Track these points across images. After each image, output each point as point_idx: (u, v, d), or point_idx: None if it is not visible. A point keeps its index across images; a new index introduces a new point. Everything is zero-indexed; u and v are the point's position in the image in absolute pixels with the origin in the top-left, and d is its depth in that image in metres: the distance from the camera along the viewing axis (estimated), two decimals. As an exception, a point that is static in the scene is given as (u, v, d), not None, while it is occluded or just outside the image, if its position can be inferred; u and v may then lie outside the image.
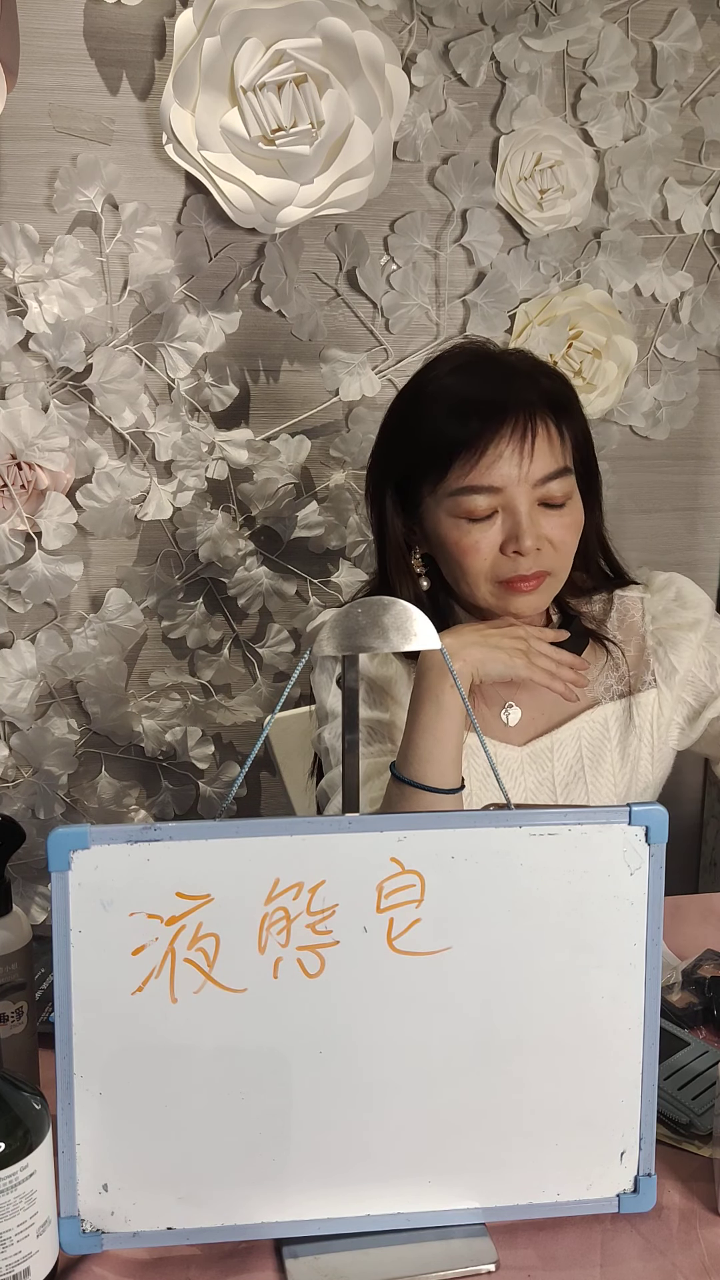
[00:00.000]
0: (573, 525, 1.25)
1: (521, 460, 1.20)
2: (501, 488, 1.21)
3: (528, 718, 1.33)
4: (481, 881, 0.82)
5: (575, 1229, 0.86)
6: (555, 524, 1.24)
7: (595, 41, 1.90)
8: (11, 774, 1.97)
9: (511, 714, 1.33)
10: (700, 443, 2.16)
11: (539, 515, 1.23)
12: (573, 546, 1.27)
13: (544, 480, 1.22)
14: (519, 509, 1.21)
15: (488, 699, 1.33)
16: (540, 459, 1.21)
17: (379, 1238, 0.85)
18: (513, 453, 1.20)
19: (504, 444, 1.20)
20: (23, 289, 1.80)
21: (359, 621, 0.82)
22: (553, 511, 1.24)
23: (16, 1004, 0.96)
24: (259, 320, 1.93)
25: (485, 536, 1.23)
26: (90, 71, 1.81)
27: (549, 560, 1.25)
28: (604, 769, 1.33)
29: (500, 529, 1.23)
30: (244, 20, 1.69)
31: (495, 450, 1.20)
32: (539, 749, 1.32)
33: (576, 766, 1.33)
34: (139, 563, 1.97)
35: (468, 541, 1.23)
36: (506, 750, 1.32)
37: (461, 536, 1.23)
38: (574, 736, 1.33)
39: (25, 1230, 0.77)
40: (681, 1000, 1.10)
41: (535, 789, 1.32)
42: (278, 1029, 0.82)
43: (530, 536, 1.21)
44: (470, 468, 1.21)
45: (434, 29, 1.87)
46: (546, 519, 1.23)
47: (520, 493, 1.21)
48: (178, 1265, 0.83)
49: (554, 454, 1.22)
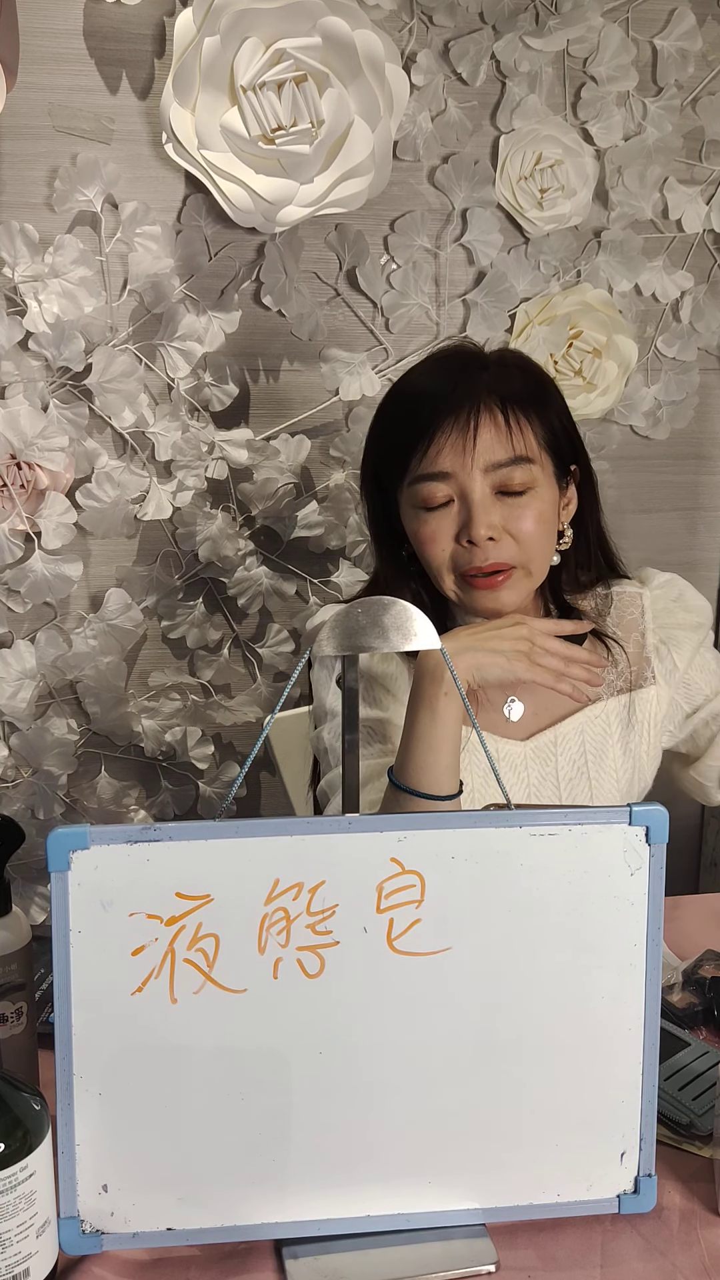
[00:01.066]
0: (536, 517, 1.25)
1: (466, 446, 1.22)
2: (451, 473, 1.23)
3: (530, 712, 1.33)
4: (482, 882, 0.82)
5: (575, 1230, 0.86)
6: (515, 514, 1.24)
7: (595, 41, 1.90)
8: (11, 774, 1.97)
9: (514, 709, 1.33)
10: (700, 443, 2.16)
11: (494, 504, 1.23)
12: (540, 538, 1.26)
13: (495, 467, 1.23)
14: (471, 495, 1.23)
15: (489, 694, 1.33)
16: (486, 446, 1.22)
17: (379, 1238, 0.84)
18: (457, 439, 1.22)
19: (450, 430, 1.22)
20: (22, 288, 1.80)
21: (359, 621, 0.82)
22: (512, 500, 1.24)
23: (16, 1004, 0.96)
24: (259, 320, 1.93)
25: (441, 526, 1.24)
26: (90, 71, 1.81)
27: (509, 553, 1.24)
28: (607, 765, 1.33)
29: (455, 518, 1.24)
30: (244, 19, 1.69)
31: (441, 438, 1.22)
32: (542, 744, 1.32)
33: (580, 762, 1.33)
34: (139, 563, 1.97)
35: (425, 531, 1.25)
36: (509, 745, 1.32)
37: (420, 526, 1.25)
38: (577, 732, 1.33)
39: (25, 1231, 0.76)
40: (682, 1000, 1.10)
41: (539, 785, 1.32)
42: (278, 1029, 0.82)
43: (481, 525, 1.22)
44: (422, 456, 1.24)
45: (434, 28, 1.87)
46: (505, 509, 1.24)
47: (471, 479, 1.22)
48: (178, 1266, 0.83)
49: (502, 442, 1.23)
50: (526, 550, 1.25)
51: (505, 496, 1.24)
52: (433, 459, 1.23)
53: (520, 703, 1.33)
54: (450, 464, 1.22)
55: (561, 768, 1.32)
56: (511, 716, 1.33)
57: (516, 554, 1.25)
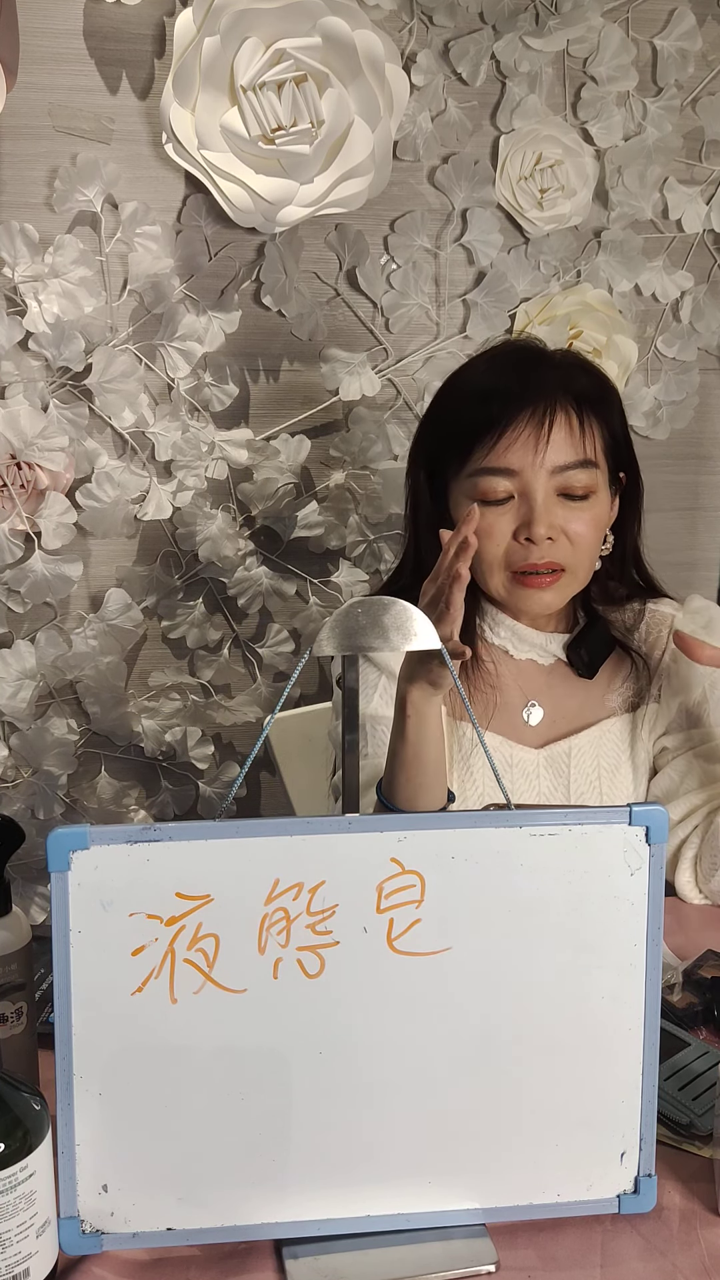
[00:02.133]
0: (593, 521, 1.25)
1: (538, 445, 1.21)
2: (517, 470, 1.22)
3: (548, 719, 1.33)
4: (482, 882, 0.82)
5: (575, 1229, 0.86)
6: (573, 516, 1.23)
7: (595, 41, 1.90)
8: (11, 774, 1.97)
9: (534, 713, 1.33)
10: (700, 443, 2.16)
11: (555, 504, 1.23)
12: (592, 543, 1.26)
13: (561, 469, 1.22)
14: (534, 494, 1.21)
15: (510, 698, 1.33)
16: (558, 447, 1.21)
17: (379, 1238, 0.84)
18: (529, 437, 1.21)
19: (522, 427, 1.21)
20: (22, 288, 1.80)
21: (359, 621, 0.82)
22: (572, 504, 1.23)
23: (16, 1004, 0.96)
24: (259, 320, 1.93)
25: (500, 520, 1.23)
26: (90, 71, 1.81)
27: (564, 554, 1.24)
28: (620, 780, 1.33)
29: (515, 514, 1.23)
30: (244, 19, 1.69)
31: (513, 433, 1.21)
32: (555, 753, 1.32)
33: (593, 776, 1.33)
34: (139, 563, 1.97)
35: (483, 525, 1.23)
36: (523, 752, 1.32)
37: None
38: (592, 744, 1.33)
39: (25, 1231, 0.76)
40: (682, 1001, 1.10)
41: (550, 794, 1.32)
42: (278, 1029, 0.81)
43: (543, 524, 1.21)
44: (489, 450, 1.22)
45: (434, 28, 1.87)
46: (564, 510, 1.23)
47: (536, 478, 1.21)
48: (177, 1266, 0.83)
49: (574, 445, 1.22)
50: (578, 553, 1.25)
51: (566, 499, 1.23)
52: (500, 453, 1.22)
53: (540, 708, 1.33)
54: (518, 461, 1.21)
55: (574, 779, 1.32)
56: (530, 720, 1.33)
57: (569, 556, 1.24)
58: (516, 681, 1.34)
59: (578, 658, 1.34)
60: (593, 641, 1.33)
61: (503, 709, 1.32)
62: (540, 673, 1.35)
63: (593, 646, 1.32)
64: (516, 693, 1.33)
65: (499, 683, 1.32)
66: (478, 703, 1.32)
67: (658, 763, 1.36)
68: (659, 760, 1.36)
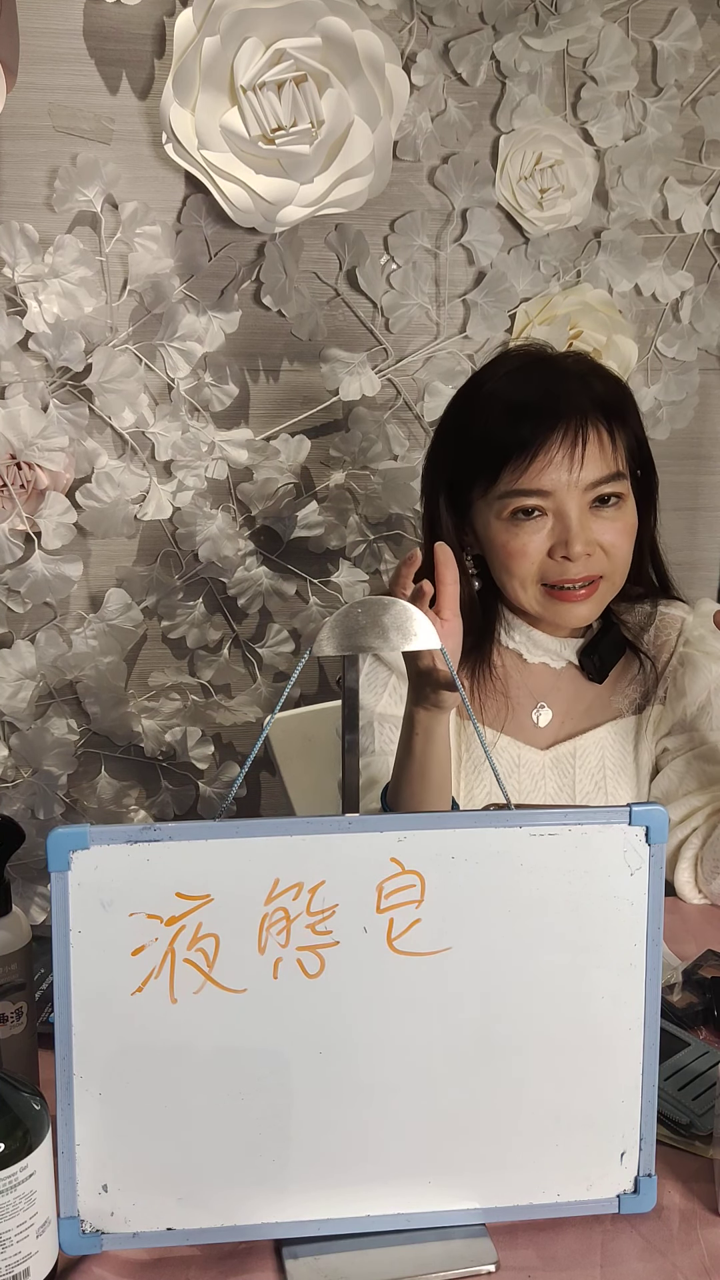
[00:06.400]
0: (625, 529, 1.25)
1: (572, 466, 1.20)
2: (551, 491, 1.21)
3: (557, 720, 1.33)
4: (481, 882, 0.82)
5: (575, 1229, 0.86)
6: (607, 527, 1.23)
7: (595, 41, 1.90)
8: (11, 774, 1.97)
9: (542, 715, 1.33)
10: (700, 443, 2.15)
11: (590, 519, 1.22)
12: (626, 551, 1.26)
13: (595, 484, 1.21)
14: (569, 514, 1.21)
15: (519, 699, 1.33)
16: (591, 464, 1.20)
17: (379, 1238, 0.84)
18: (564, 458, 1.19)
19: (555, 449, 1.19)
20: (22, 288, 1.80)
21: (359, 621, 0.82)
22: (605, 515, 1.23)
23: (16, 1004, 0.96)
24: (259, 320, 1.93)
25: (534, 540, 1.23)
26: (90, 71, 1.81)
27: (600, 564, 1.24)
28: (624, 781, 1.33)
29: (549, 533, 1.22)
30: (244, 19, 1.69)
31: (546, 455, 1.19)
32: (561, 754, 1.32)
33: (599, 776, 1.33)
34: (139, 563, 1.97)
35: (515, 545, 1.23)
36: (530, 753, 1.32)
37: (510, 539, 1.23)
38: (597, 745, 1.33)
39: (25, 1231, 0.76)
40: (682, 1000, 1.10)
41: (556, 794, 1.32)
42: (278, 1029, 0.81)
43: (580, 542, 1.20)
44: (521, 472, 1.20)
45: (434, 28, 1.87)
46: (598, 523, 1.23)
47: (571, 497, 1.21)
48: (178, 1266, 0.83)
49: (606, 459, 1.22)
50: (614, 562, 1.24)
51: (597, 510, 1.23)
52: (534, 475, 1.20)
53: (549, 709, 1.33)
54: (552, 482, 1.20)
55: (579, 780, 1.32)
56: (539, 722, 1.33)
57: (605, 566, 1.24)
58: (526, 683, 1.34)
59: (590, 663, 1.33)
60: (606, 647, 1.33)
61: (512, 711, 1.32)
62: (550, 675, 1.35)
63: (606, 652, 1.32)
64: (525, 694, 1.33)
65: (508, 687, 1.32)
66: (488, 707, 1.32)
67: (659, 763, 1.36)
68: (660, 761, 1.36)
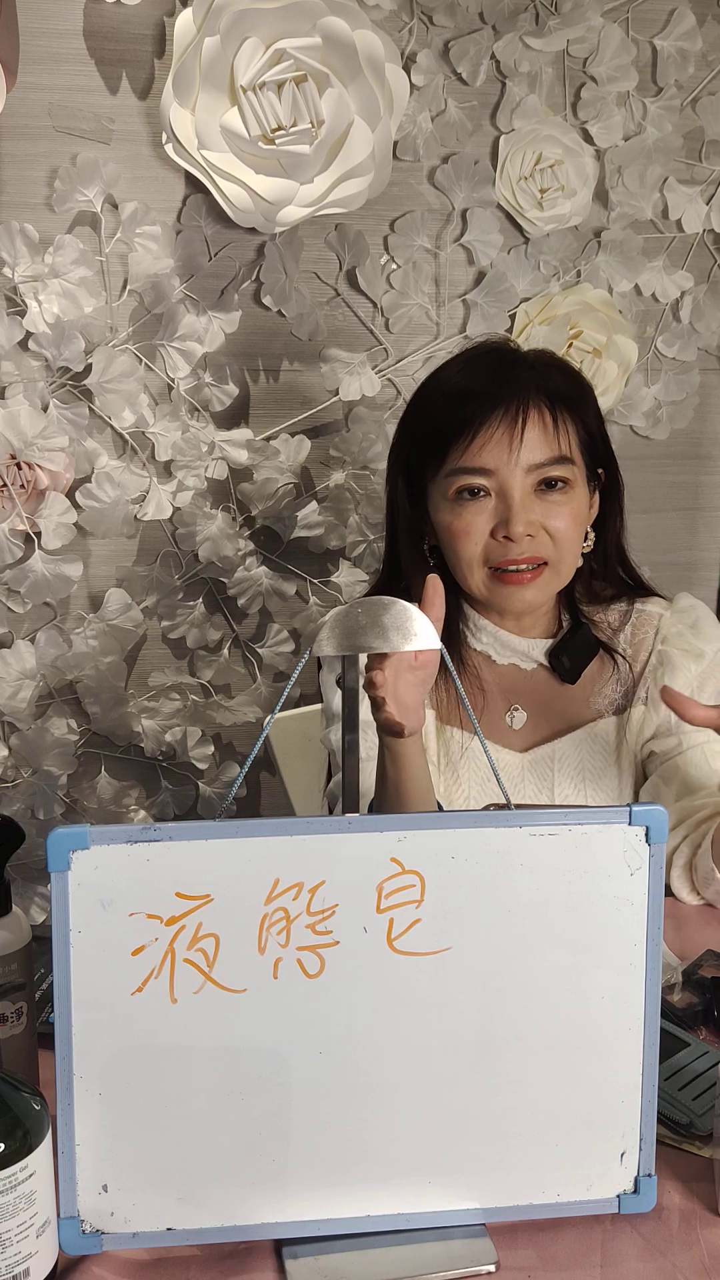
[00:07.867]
0: (571, 515, 1.25)
1: (513, 443, 1.21)
2: (494, 470, 1.22)
3: (532, 723, 1.33)
4: (481, 882, 0.82)
5: (575, 1229, 0.86)
6: (552, 511, 1.24)
7: (595, 41, 1.90)
8: (11, 774, 1.97)
9: (517, 717, 1.33)
10: (700, 443, 2.16)
11: (533, 501, 1.23)
12: (573, 538, 1.26)
13: (537, 466, 1.22)
14: (511, 493, 1.22)
15: (493, 702, 1.33)
16: (533, 444, 1.22)
17: (379, 1238, 0.84)
18: (504, 435, 1.21)
19: (496, 426, 1.22)
20: (22, 289, 1.80)
21: (359, 621, 0.82)
22: (550, 500, 1.24)
23: (16, 1004, 0.95)
24: (259, 320, 1.93)
25: (477, 520, 1.24)
26: (90, 71, 1.81)
27: (545, 548, 1.24)
28: (606, 784, 1.33)
29: (492, 513, 1.24)
30: (244, 19, 1.69)
31: (487, 433, 1.22)
32: (539, 757, 1.32)
33: (578, 779, 1.32)
34: (139, 563, 1.97)
35: (460, 525, 1.24)
36: (507, 755, 1.32)
37: (454, 520, 1.25)
38: (576, 748, 1.33)
39: (25, 1231, 0.76)
40: (682, 1000, 1.10)
41: (534, 798, 1.32)
42: (278, 1029, 0.81)
43: (520, 522, 1.22)
44: (463, 450, 1.23)
45: (434, 28, 1.87)
46: (543, 506, 1.24)
47: (513, 477, 1.22)
48: (178, 1266, 0.83)
49: (549, 441, 1.23)
50: (559, 548, 1.25)
51: (543, 493, 1.24)
52: (475, 453, 1.22)
53: (524, 712, 1.33)
54: (493, 460, 1.22)
55: (559, 783, 1.32)
56: (513, 725, 1.33)
57: (550, 551, 1.25)
58: (499, 685, 1.34)
59: (559, 664, 1.33)
60: (574, 647, 1.32)
61: (485, 713, 1.32)
62: (522, 677, 1.35)
63: (574, 652, 1.32)
64: (499, 697, 1.33)
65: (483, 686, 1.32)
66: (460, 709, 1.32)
67: (646, 768, 1.35)
68: (647, 765, 1.35)
